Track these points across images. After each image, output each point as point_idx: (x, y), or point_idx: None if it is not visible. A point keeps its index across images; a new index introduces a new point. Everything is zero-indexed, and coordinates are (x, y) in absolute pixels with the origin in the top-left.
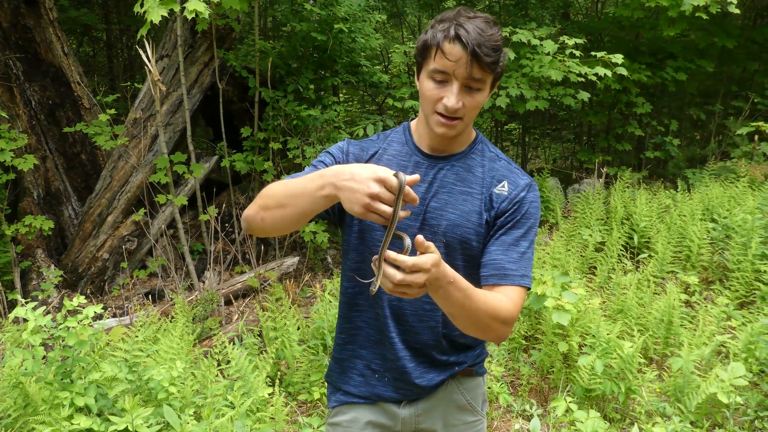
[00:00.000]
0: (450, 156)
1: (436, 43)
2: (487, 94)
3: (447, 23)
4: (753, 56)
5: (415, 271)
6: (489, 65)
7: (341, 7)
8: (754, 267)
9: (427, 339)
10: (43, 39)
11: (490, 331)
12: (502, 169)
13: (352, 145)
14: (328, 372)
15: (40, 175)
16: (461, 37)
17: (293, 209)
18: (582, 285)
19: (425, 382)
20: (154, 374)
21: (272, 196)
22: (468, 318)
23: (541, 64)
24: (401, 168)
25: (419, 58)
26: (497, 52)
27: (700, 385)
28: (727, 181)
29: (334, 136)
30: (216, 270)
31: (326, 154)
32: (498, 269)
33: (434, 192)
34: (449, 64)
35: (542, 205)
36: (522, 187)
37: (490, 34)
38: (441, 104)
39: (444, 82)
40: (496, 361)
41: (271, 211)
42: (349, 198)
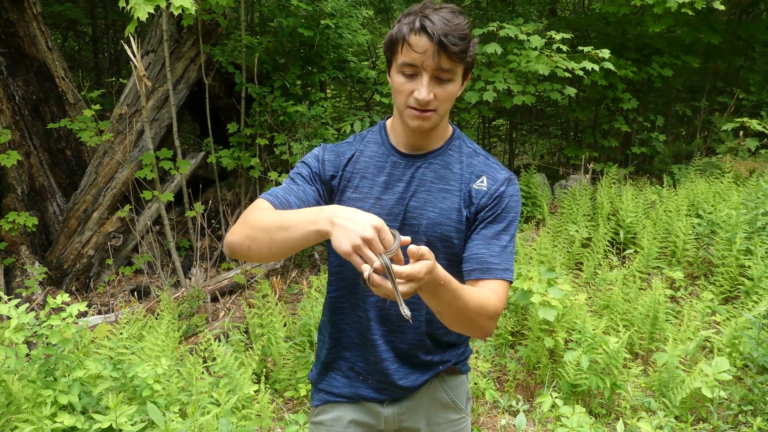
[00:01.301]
0: (427, 153)
1: (402, 37)
2: (459, 84)
3: (412, 16)
4: (738, 52)
5: (409, 281)
6: (457, 54)
7: (328, 2)
8: (739, 262)
9: (411, 339)
10: (27, 34)
11: (476, 327)
12: (480, 164)
13: (328, 152)
14: (311, 372)
15: (24, 171)
16: (427, 29)
17: (282, 243)
18: (568, 281)
19: (409, 383)
20: (139, 372)
21: (261, 227)
22: (456, 316)
23: (529, 59)
24: (379, 169)
25: (388, 54)
26: (464, 40)
27: (685, 380)
28: (713, 176)
29: (321, 132)
30: (202, 266)
31: (302, 165)
32: (481, 263)
33: (413, 191)
34: (417, 56)
35: (529, 201)
36: (501, 182)
37: (456, 23)
38: (412, 97)
39: (414, 75)
40: (482, 357)
41: (258, 242)
42: (341, 235)
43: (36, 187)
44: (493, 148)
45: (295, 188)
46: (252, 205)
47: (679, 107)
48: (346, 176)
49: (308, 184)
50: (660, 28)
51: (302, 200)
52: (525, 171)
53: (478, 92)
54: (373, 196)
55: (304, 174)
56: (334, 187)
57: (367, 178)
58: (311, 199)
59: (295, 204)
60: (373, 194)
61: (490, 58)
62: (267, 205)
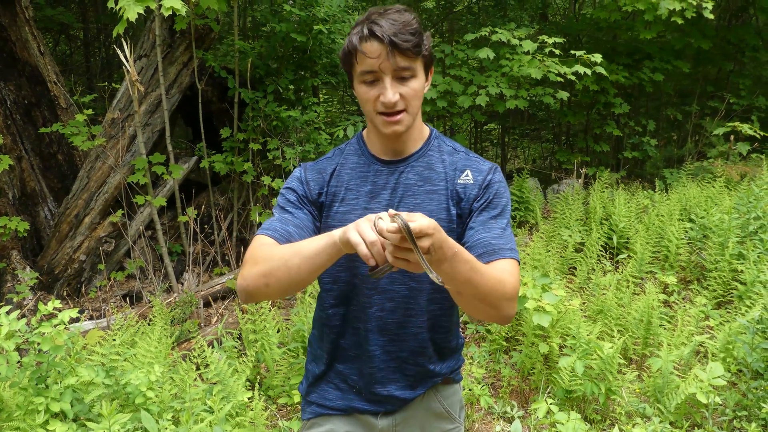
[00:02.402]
0: (408, 157)
1: (354, 48)
2: (423, 80)
3: (360, 26)
4: (728, 57)
5: (421, 236)
6: (411, 50)
7: (321, 8)
8: (731, 267)
9: (412, 346)
10: (19, 38)
11: (497, 308)
12: (462, 160)
13: (309, 171)
14: (302, 385)
15: (16, 176)
16: (376, 33)
17: (299, 269)
18: (562, 286)
19: (406, 394)
20: (132, 378)
21: (274, 260)
22: (476, 295)
23: (521, 63)
24: (362, 180)
25: (346, 68)
26: (415, 35)
27: (680, 386)
28: (704, 181)
29: (314, 137)
30: (195, 272)
31: (288, 191)
32: (485, 246)
33: (400, 197)
34: (372, 61)
35: (522, 205)
36: (486, 171)
37: (404, 20)
38: (379, 103)
39: (375, 81)
40: (476, 363)
41: (275, 276)
42: (350, 227)
43: (27, 191)
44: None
45: (289, 217)
46: (253, 244)
47: (671, 112)
48: (331, 191)
49: (299, 210)
50: (651, 35)
51: (300, 227)
52: (517, 175)
53: (470, 97)
54: (360, 206)
55: (293, 200)
56: (321, 204)
57: (352, 189)
58: (308, 223)
59: (295, 232)
60: (359, 205)
61: (482, 62)
62: (270, 240)
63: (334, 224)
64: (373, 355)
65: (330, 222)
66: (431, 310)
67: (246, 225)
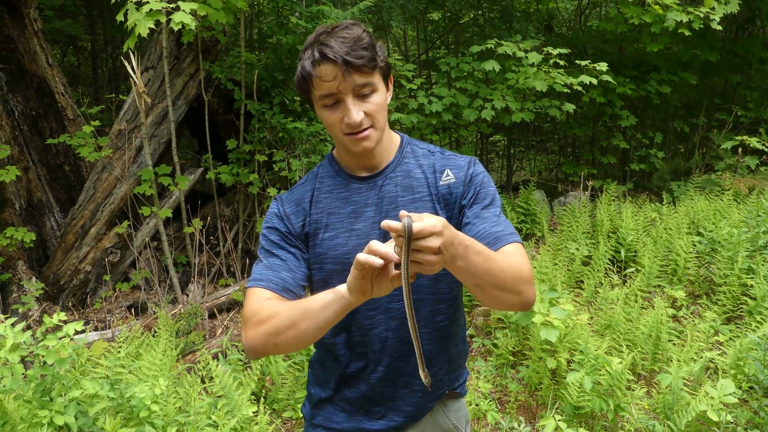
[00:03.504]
0: (384, 169)
1: (308, 73)
2: (385, 91)
3: (310, 49)
4: (735, 69)
5: (425, 236)
6: (367, 65)
7: (327, 20)
8: (741, 281)
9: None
10: (27, 50)
11: (518, 293)
12: (439, 160)
13: (286, 204)
14: (304, 408)
15: (23, 186)
16: (327, 55)
17: (306, 331)
18: (569, 300)
19: (415, 410)
20: (137, 391)
21: (281, 323)
22: (494, 284)
23: (527, 75)
24: (343, 201)
25: (305, 95)
26: (368, 49)
27: (690, 403)
28: (712, 194)
29: (320, 148)
30: (200, 283)
31: (270, 231)
32: (486, 237)
33: (385, 211)
34: (329, 84)
35: (528, 218)
36: (466, 166)
37: (354, 36)
38: (344, 125)
39: (336, 103)
40: (483, 377)
41: (284, 337)
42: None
43: (34, 202)
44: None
45: (278, 262)
46: (251, 299)
47: (678, 124)
48: (314, 219)
49: (285, 250)
50: (657, 48)
51: (291, 269)
52: (524, 187)
53: (476, 110)
54: (345, 228)
55: (277, 241)
56: (306, 234)
57: (334, 213)
58: (298, 261)
59: (289, 277)
60: (344, 227)
61: (488, 75)
62: (267, 294)
63: (322, 252)
64: (381, 375)
65: (318, 250)
66: (437, 321)
67: (251, 236)
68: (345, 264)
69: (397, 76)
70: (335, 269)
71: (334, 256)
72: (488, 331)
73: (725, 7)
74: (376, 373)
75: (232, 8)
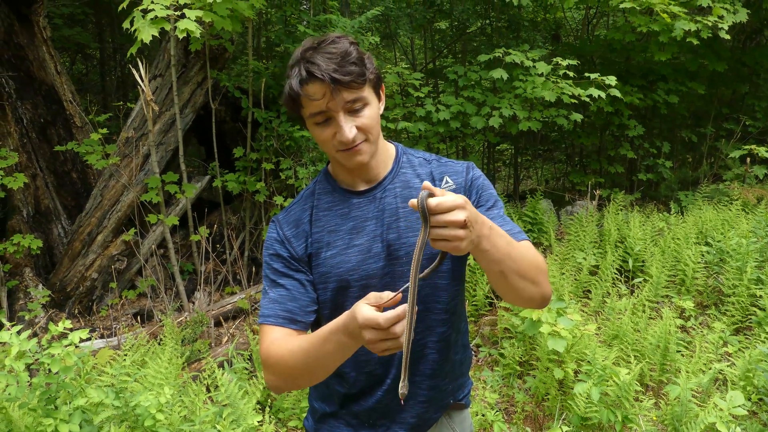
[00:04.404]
0: (382, 181)
1: (296, 93)
2: (377, 103)
3: (296, 67)
4: (743, 78)
5: (448, 210)
6: (356, 81)
7: (335, 28)
8: (750, 291)
9: (424, 370)
10: (36, 57)
11: (538, 283)
12: (436, 168)
13: (285, 227)
14: (307, 421)
15: (30, 194)
16: (314, 74)
17: (322, 374)
18: (577, 310)
19: (421, 421)
20: (142, 400)
21: (297, 369)
22: (517, 271)
23: (534, 85)
24: (343, 217)
25: (294, 112)
26: (357, 64)
27: (699, 414)
28: (720, 204)
29: (326, 157)
30: (206, 291)
31: (273, 259)
32: None
33: (387, 224)
34: (318, 103)
35: (535, 227)
36: (464, 172)
37: (341, 51)
38: (336, 141)
39: (328, 120)
40: (490, 388)
41: (302, 380)
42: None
43: (41, 209)
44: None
45: (284, 292)
46: (263, 339)
47: (685, 133)
48: (315, 239)
49: (291, 278)
50: (665, 57)
51: (298, 298)
52: (531, 196)
53: (483, 118)
54: (347, 244)
55: (281, 269)
56: (309, 255)
57: (335, 231)
58: (305, 288)
59: (297, 309)
60: (346, 243)
61: (495, 83)
62: (278, 333)
63: (326, 271)
64: (388, 388)
65: (322, 270)
66: (441, 331)
67: (258, 244)
68: (349, 281)
69: (405, 85)
70: (340, 287)
71: (338, 273)
72: (495, 340)
73: (734, 17)
74: (383, 386)
75: (239, 16)
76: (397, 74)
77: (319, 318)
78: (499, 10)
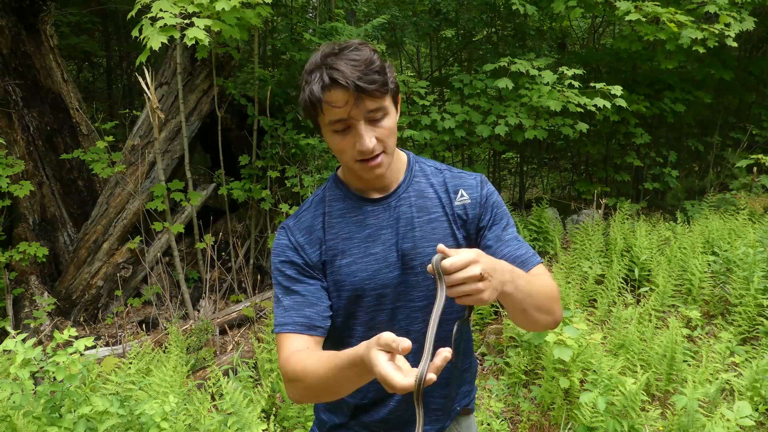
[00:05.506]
0: (396, 189)
1: (317, 99)
2: (395, 113)
3: (317, 72)
4: (749, 88)
5: (463, 267)
6: (379, 90)
7: (341, 36)
8: (757, 301)
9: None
10: (43, 65)
11: (552, 312)
12: (450, 179)
13: (297, 233)
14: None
15: (36, 201)
16: (339, 81)
17: (344, 391)
18: (583, 319)
19: (433, 430)
20: (146, 408)
21: (317, 388)
22: (537, 306)
23: (540, 94)
24: (358, 225)
25: (311, 118)
26: (380, 73)
27: (706, 425)
28: (727, 213)
29: (332, 164)
30: (211, 298)
31: (285, 265)
32: (513, 261)
33: (402, 233)
34: (340, 111)
35: (541, 236)
36: (478, 186)
37: (365, 59)
38: (356, 151)
39: (347, 128)
40: (495, 396)
41: (322, 397)
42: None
43: (47, 217)
44: (503, 181)
45: (299, 299)
46: (282, 350)
47: (692, 142)
48: (330, 245)
49: (305, 284)
50: (672, 65)
51: (314, 303)
52: (536, 205)
53: (489, 126)
54: (363, 253)
55: (294, 276)
56: (323, 263)
57: (350, 238)
58: (321, 293)
59: (314, 314)
60: (362, 252)
61: (501, 92)
62: (298, 342)
63: (341, 279)
64: (400, 399)
65: (336, 278)
66: (455, 340)
67: (263, 252)
68: (365, 290)
69: (410, 93)
70: (354, 296)
71: (353, 282)
72: (500, 349)
73: (740, 24)
74: (396, 398)
75: (246, 24)
76: (402, 82)
77: (332, 326)
78: (505, 18)
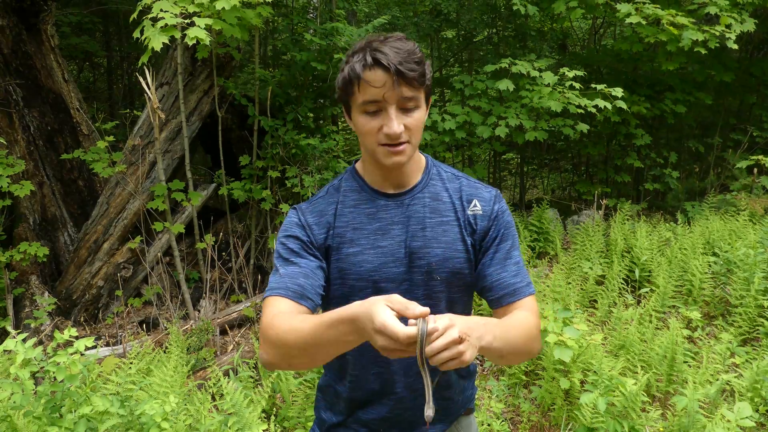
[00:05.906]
0: (413, 188)
1: (357, 76)
2: (425, 110)
3: (361, 53)
4: (750, 89)
5: (440, 334)
6: (417, 80)
7: (341, 37)
8: (757, 302)
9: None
10: (44, 65)
11: (530, 352)
12: (465, 188)
13: (308, 214)
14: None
15: (37, 201)
16: (381, 61)
17: (321, 358)
18: (583, 320)
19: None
20: (147, 408)
21: (295, 346)
22: (514, 352)
23: (541, 95)
24: (369, 217)
25: (344, 97)
26: (420, 65)
27: (706, 426)
28: (727, 214)
29: (333, 165)
30: (212, 299)
31: (289, 239)
32: (506, 288)
33: (412, 232)
34: (376, 91)
35: (541, 236)
36: (492, 200)
37: (408, 49)
38: (382, 134)
39: (378, 111)
40: (495, 397)
41: (298, 360)
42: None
43: (48, 216)
44: (504, 182)
45: (296, 269)
46: (268, 310)
47: (692, 143)
48: (338, 232)
49: (304, 258)
50: (672, 67)
51: (309, 276)
52: (537, 206)
53: (490, 127)
54: (371, 245)
55: (296, 249)
56: (328, 247)
57: (360, 228)
58: (318, 271)
59: (308, 285)
60: (370, 243)
61: (502, 93)
62: (285, 306)
63: (345, 267)
64: (400, 396)
65: (341, 265)
66: None
67: (264, 252)
68: (369, 281)
69: None
70: (358, 285)
71: (358, 272)
72: None
73: (741, 26)
74: (395, 395)
75: (246, 24)
76: None
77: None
78: (506, 19)
